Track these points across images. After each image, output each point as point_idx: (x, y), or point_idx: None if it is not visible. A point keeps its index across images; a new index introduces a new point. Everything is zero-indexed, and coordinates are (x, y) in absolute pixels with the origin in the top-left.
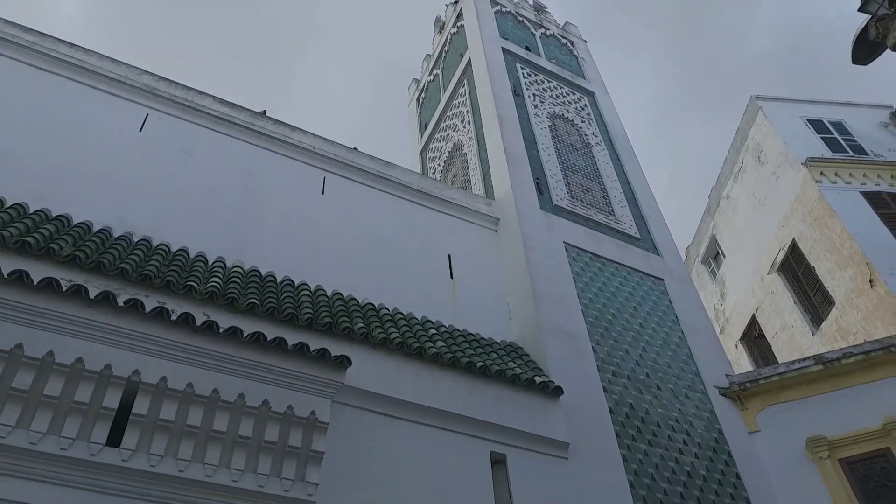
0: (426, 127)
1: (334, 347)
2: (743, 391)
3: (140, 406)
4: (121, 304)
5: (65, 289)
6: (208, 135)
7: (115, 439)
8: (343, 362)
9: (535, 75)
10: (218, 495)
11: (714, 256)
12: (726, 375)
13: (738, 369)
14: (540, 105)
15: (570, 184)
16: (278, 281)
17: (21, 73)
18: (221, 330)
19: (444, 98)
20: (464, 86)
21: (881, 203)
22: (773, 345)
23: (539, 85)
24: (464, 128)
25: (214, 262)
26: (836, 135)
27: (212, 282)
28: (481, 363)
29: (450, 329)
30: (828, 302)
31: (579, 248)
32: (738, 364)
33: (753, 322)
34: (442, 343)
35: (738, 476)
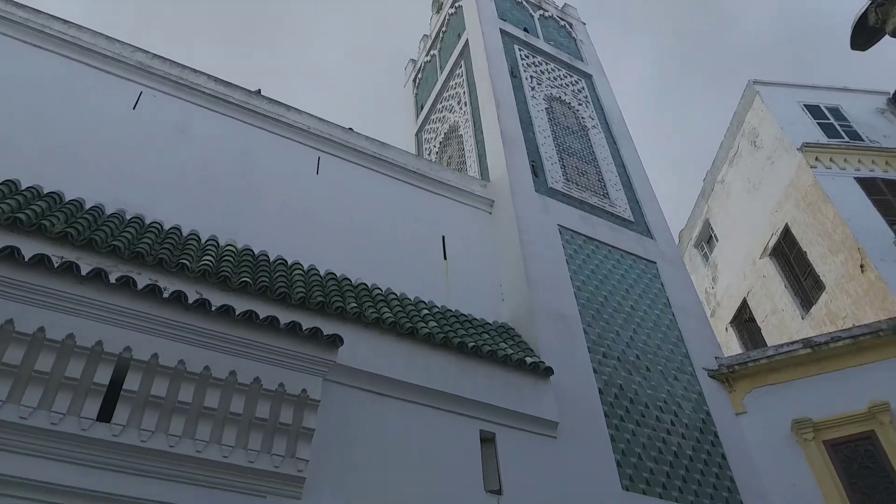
0: (422, 108)
1: (327, 327)
2: (731, 373)
3: (131, 382)
4: (112, 281)
5: (56, 265)
6: (202, 113)
7: (106, 415)
8: (335, 341)
9: (533, 57)
10: (209, 470)
11: (707, 240)
12: (715, 358)
13: (728, 352)
14: (537, 87)
15: (565, 167)
16: (271, 260)
17: (13, 49)
18: (213, 308)
19: (440, 79)
20: (461, 67)
21: (875, 189)
22: (762, 328)
23: (537, 67)
24: (460, 109)
25: (207, 241)
26: (832, 120)
27: (204, 260)
28: (473, 343)
29: (442, 310)
30: (818, 286)
31: (573, 231)
32: (728, 347)
33: (744, 306)
34: (434, 323)
35: (723, 456)
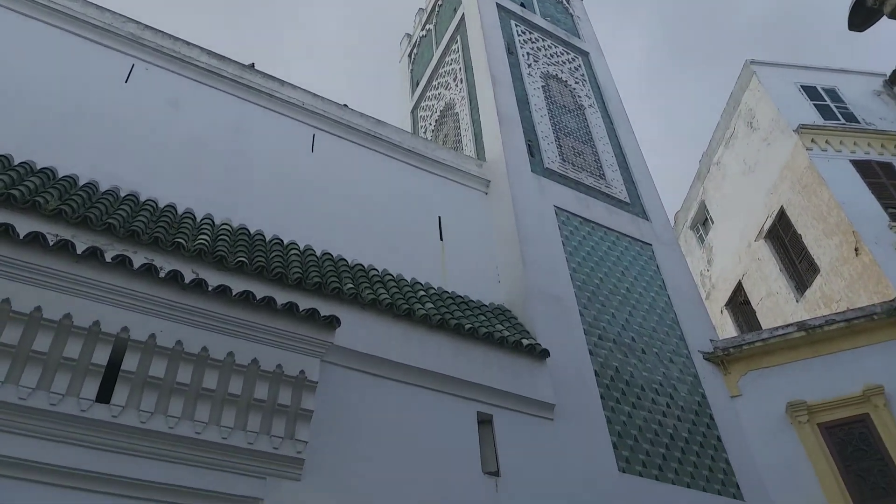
0: (418, 84)
1: (323, 307)
2: (726, 356)
3: (129, 363)
4: (108, 259)
5: (52, 244)
6: (196, 87)
7: (104, 395)
8: (332, 322)
9: (530, 33)
10: (208, 451)
11: (703, 222)
12: (711, 340)
13: (723, 335)
14: (534, 64)
15: (561, 146)
16: (267, 240)
17: (1, 18)
18: (210, 288)
19: (436, 55)
20: (457, 42)
21: (870, 172)
22: (757, 311)
23: (533, 43)
24: (456, 86)
25: (203, 220)
26: (828, 102)
27: (200, 239)
28: (469, 325)
29: (438, 291)
30: (813, 269)
31: (569, 212)
32: (723, 329)
33: (739, 288)
34: (431, 305)
35: (718, 439)
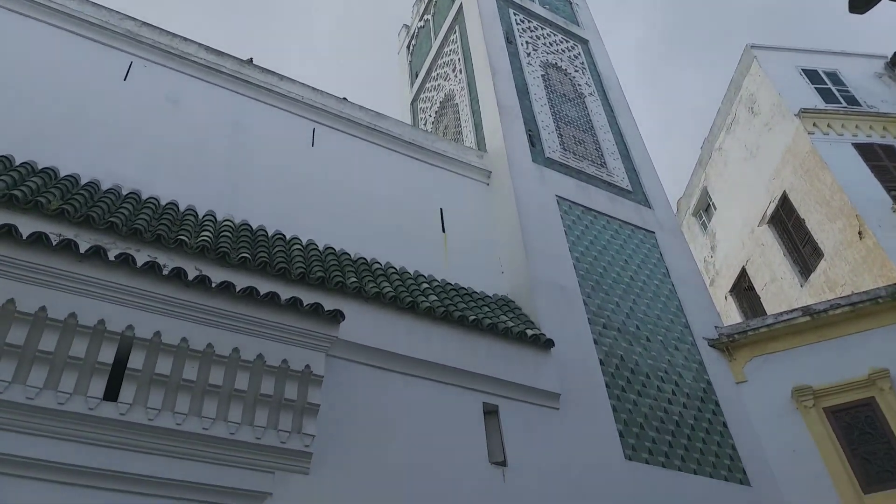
0: (417, 76)
1: (327, 302)
2: (731, 342)
3: (135, 360)
4: (112, 258)
5: (55, 243)
6: (194, 84)
7: (112, 394)
8: (336, 316)
9: (529, 22)
10: (216, 447)
11: (705, 209)
12: (715, 327)
13: (728, 321)
14: (533, 53)
15: (562, 136)
16: (269, 235)
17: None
18: (214, 284)
19: (435, 45)
20: (455, 32)
21: (872, 155)
22: (762, 297)
23: (532, 32)
24: (455, 77)
25: (205, 216)
26: (830, 85)
27: (203, 236)
28: (473, 317)
29: (442, 283)
30: (817, 254)
31: (571, 202)
32: (728, 316)
33: (743, 274)
34: (434, 297)
35: (724, 425)
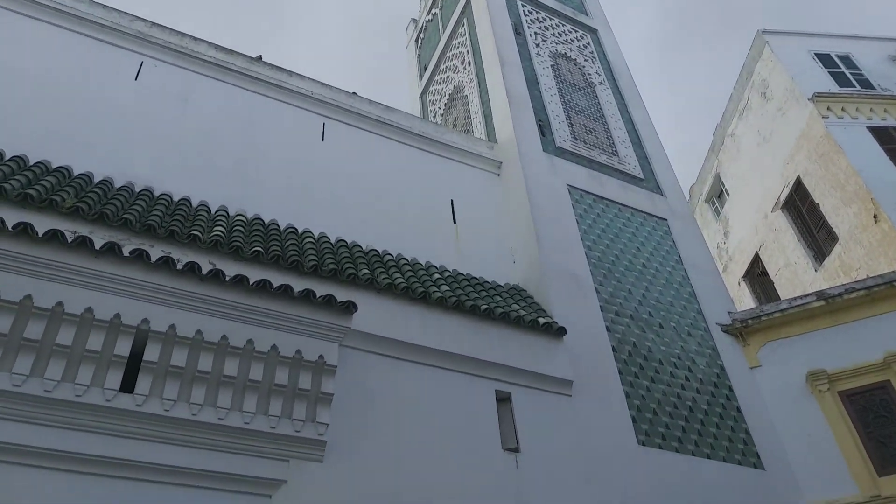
0: (425, 69)
1: (340, 293)
2: (745, 328)
3: (151, 353)
4: (126, 254)
5: (70, 240)
6: (205, 82)
7: (128, 385)
8: (349, 307)
9: (537, 13)
10: (231, 436)
11: (718, 195)
12: (728, 313)
13: (741, 307)
14: (542, 44)
15: (573, 125)
16: (282, 228)
17: (12, 22)
18: (228, 278)
19: (443, 38)
20: (463, 25)
21: (887, 138)
22: (775, 282)
23: (541, 23)
24: (464, 69)
25: (217, 211)
26: (843, 69)
27: (216, 230)
28: (486, 305)
29: (454, 273)
30: (831, 238)
31: (582, 190)
32: (741, 302)
33: (756, 260)
34: (446, 287)
35: (738, 410)
